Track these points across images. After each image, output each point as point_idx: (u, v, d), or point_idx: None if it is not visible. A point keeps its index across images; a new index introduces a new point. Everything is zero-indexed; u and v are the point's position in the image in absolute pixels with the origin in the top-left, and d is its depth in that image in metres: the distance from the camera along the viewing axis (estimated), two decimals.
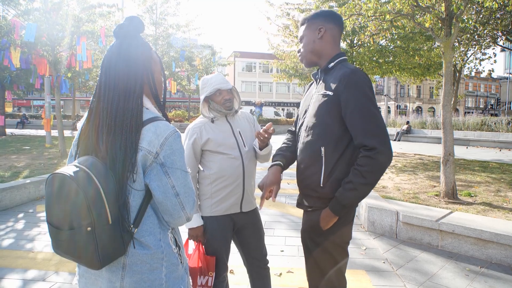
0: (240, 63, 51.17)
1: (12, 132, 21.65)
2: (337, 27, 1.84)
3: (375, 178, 1.59)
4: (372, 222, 4.59)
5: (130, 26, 1.25)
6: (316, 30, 1.81)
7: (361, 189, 1.59)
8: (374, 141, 1.56)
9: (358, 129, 1.61)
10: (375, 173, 1.58)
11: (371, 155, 1.56)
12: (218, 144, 2.15)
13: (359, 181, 1.57)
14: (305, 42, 1.85)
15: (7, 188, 5.45)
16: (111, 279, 1.18)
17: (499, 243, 3.59)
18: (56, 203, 1.10)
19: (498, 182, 6.82)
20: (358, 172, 1.57)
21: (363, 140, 1.59)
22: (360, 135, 1.60)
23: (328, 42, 1.82)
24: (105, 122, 1.17)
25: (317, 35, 1.81)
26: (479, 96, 65.32)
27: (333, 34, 1.83)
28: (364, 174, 1.56)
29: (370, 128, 1.59)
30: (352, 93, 1.63)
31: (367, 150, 1.57)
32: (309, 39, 1.83)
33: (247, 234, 2.32)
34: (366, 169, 1.56)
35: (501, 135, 16.49)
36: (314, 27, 1.82)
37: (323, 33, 1.80)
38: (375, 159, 1.55)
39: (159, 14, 20.84)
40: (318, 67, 1.88)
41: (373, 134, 1.57)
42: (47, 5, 9.22)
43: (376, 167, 1.56)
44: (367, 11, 6.32)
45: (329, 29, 1.81)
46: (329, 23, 1.82)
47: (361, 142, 1.60)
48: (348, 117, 1.64)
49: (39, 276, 3.22)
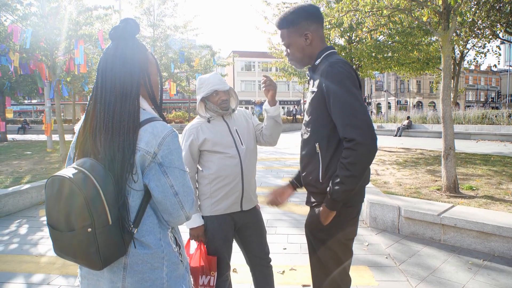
0: (239, 63, 51.17)
1: (13, 138, 21.70)
2: (320, 25, 1.81)
3: (358, 170, 1.57)
4: (374, 218, 4.59)
5: (125, 28, 1.25)
6: (302, 37, 1.77)
7: (347, 182, 1.57)
8: (353, 133, 1.55)
9: (339, 122, 1.62)
10: (358, 165, 1.56)
11: (351, 147, 1.55)
12: (214, 143, 2.16)
13: (343, 174, 1.57)
14: (293, 50, 1.82)
15: (10, 194, 5.47)
16: (113, 280, 1.19)
17: (501, 235, 3.59)
18: (56, 206, 1.10)
19: (500, 175, 6.81)
20: (342, 165, 1.58)
21: (343, 132, 1.59)
22: (341, 128, 1.61)
23: (316, 44, 1.80)
24: (102, 124, 1.18)
25: (305, 42, 1.78)
26: (479, 89, 65.19)
27: (318, 34, 1.80)
28: (347, 167, 1.56)
29: (349, 120, 1.58)
30: (331, 86, 1.63)
31: (347, 142, 1.57)
32: (298, 47, 1.80)
33: (248, 233, 2.32)
34: (348, 161, 1.56)
35: (502, 128, 16.44)
36: (299, 33, 1.78)
37: (310, 39, 1.77)
38: (355, 151, 1.54)
39: (157, 15, 20.86)
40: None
41: (352, 126, 1.57)
42: (44, 10, 9.22)
43: (357, 158, 1.55)
44: (364, 6, 6.31)
45: (314, 31, 1.78)
46: (311, 24, 1.78)
47: (342, 135, 1.60)
48: (331, 110, 1.65)
49: (43, 280, 3.24)
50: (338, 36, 11.71)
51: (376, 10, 6.41)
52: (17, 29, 9.25)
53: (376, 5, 6.27)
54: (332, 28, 9.59)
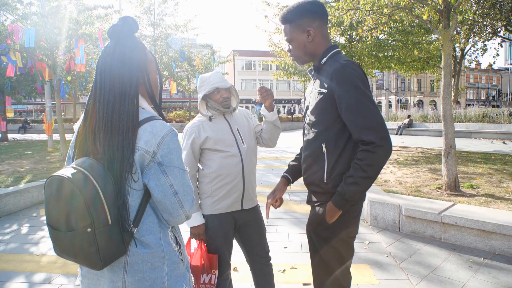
0: (240, 62, 51.12)
1: (14, 137, 21.72)
2: (323, 22, 1.80)
3: (375, 171, 1.59)
4: (375, 216, 4.59)
5: (123, 27, 1.25)
6: (305, 33, 1.76)
7: (362, 182, 1.59)
8: (372, 135, 1.56)
9: (354, 125, 1.61)
10: (375, 167, 1.58)
11: (370, 149, 1.56)
12: (216, 142, 2.16)
13: (359, 175, 1.58)
14: (295, 46, 1.81)
15: (11, 193, 5.48)
16: (113, 279, 1.19)
17: (502, 234, 3.59)
18: (55, 205, 1.10)
19: (501, 173, 6.80)
20: (358, 166, 1.58)
21: (361, 135, 1.59)
22: (357, 131, 1.60)
23: (319, 41, 1.78)
24: (101, 123, 1.18)
25: (307, 38, 1.76)
26: (480, 88, 65.02)
27: (321, 31, 1.79)
28: (364, 168, 1.57)
29: (366, 122, 1.58)
30: (345, 89, 1.62)
31: (365, 145, 1.57)
32: (300, 43, 1.79)
33: (249, 232, 2.33)
34: (365, 163, 1.56)
35: (503, 126, 16.42)
36: (301, 29, 1.76)
37: (313, 35, 1.76)
38: (374, 153, 1.55)
39: (157, 14, 20.84)
40: (312, 64, 1.88)
41: (369, 128, 1.57)
42: (44, 9, 9.22)
43: (375, 160, 1.57)
44: (364, 5, 6.30)
45: (317, 28, 1.76)
46: (314, 21, 1.76)
47: (359, 137, 1.59)
48: (344, 113, 1.63)
49: (44, 279, 3.24)
50: (338, 34, 11.68)
51: (376, 8, 6.40)
52: (18, 29, 9.25)
53: (377, 3, 6.26)
54: (332, 26, 9.58)
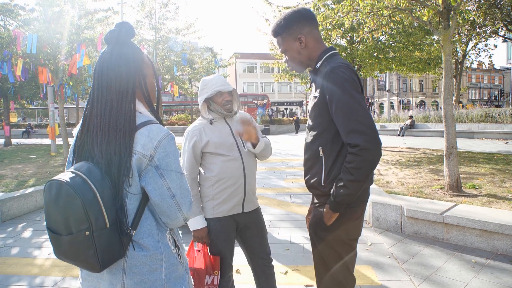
0: (241, 64, 51.26)
1: (17, 142, 21.83)
2: (313, 26, 1.80)
3: (362, 174, 1.58)
4: (377, 218, 4.59)
5: (120, 32, 1.26)
6: (296, 41, 1.77)
7: (350, 186, 1.59)
8: (357, 138, 1.55)
9: (342, 128, 1.61)
10: (362, 170, 1.57)
11: (355, 152, 1.55)
12: (217, 146, 2.16)
13: (347, 178, 1.58)
14: (290, 56, 1.82)
15: (15, 197, 5.52)
16: (112, 281, 1.20)
17: (504, 234, 3.58)
18: (54, 209, 1.12)
19: (503, 173, 6.78)
20: (347, 170, 1.59)
21: (346, 138, 1.59)
22: (344, 134, 1.60)
23: (313, 45, 1.79)
24: (99, 128, 1.19)
25: (300, 46, 1.77)
26: (482, 88, 64.84)
27: (313, 36, 1.79)
28: (351, 171, 1.57)
29: (352, 125, 1.58)
30: (333, 91, 1.62)
31: (352, 147, 1.57)
32: (294, 52, 1.80)
33: (250, 234, 2.34)
34: (352, 166, 1.56)
35: (505, 126, 16.36)
36: (293, 37, 1.77)
37: (305, 42, 1.76)
38: (359, 156, 1.55)
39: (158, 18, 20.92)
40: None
41: (355, 131, 1.57)
42: (47, 15, 9.29)
43: (361, 164, 1.56)
44: (364, 7, 6.32)
45: (308, 33, 1.77)
46: (304, 27, 1.77)
47: (346, 140, 1.60)
48: (334, 116, 1.64)
49: (48, 282, 3.26)
50: (339, 36, 11.70)
51: (376, 10, 6.41)
52: (20, 34, 9.32)
53: (376, 5, 6.27)
54: (333, 29, 9.60)
